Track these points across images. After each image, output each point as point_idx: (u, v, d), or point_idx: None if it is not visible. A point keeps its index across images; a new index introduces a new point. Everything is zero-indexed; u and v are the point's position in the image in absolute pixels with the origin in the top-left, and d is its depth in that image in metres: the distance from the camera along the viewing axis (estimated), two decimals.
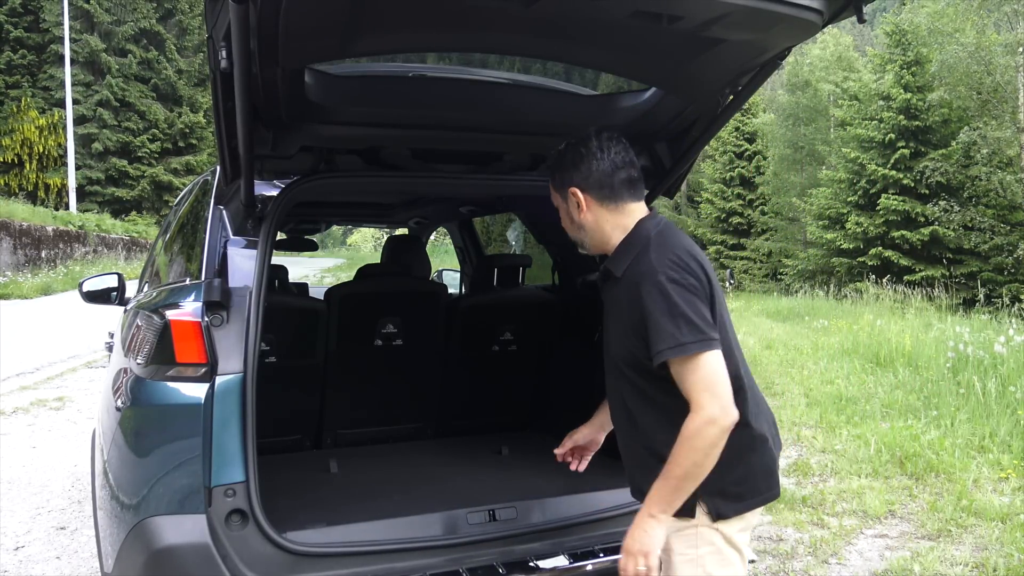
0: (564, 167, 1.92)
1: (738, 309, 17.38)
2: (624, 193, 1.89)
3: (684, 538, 1.80)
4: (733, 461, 1.73)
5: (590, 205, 1.89)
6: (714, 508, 1.77)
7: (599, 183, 1.87)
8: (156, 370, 2.06)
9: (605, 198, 1.88)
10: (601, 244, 1.93)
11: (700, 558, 1.79)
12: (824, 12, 1.78)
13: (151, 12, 31.72)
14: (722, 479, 1.73)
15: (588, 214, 1.90)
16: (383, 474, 2.91)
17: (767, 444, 1.81)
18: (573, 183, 1.89)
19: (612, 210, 1.89)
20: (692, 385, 1.68)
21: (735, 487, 1.78)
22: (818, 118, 27.28)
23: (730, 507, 1.77)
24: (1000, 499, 4.24)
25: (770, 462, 1.83)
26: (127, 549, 2.01)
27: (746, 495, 1.79)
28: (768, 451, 1.82)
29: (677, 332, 1.67)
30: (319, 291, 3.66)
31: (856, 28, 45.97)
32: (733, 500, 1.78)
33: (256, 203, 2.28)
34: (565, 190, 1.92)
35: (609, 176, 1.87)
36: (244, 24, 1.55)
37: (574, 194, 1.89)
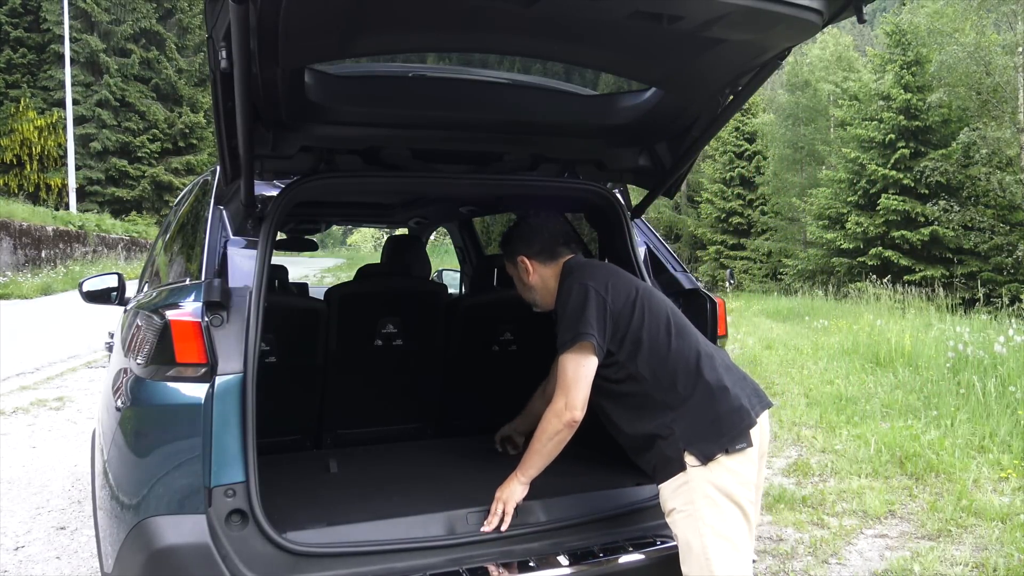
0: (511, 243, 2.39)
1: (738, 309, 17.38)
2: (563, 251, 2.34)
3: (680, 495, 2.02)
4: (699, 411, 2.04)
5: (535, 267, 2.33)
6: (700, 452, 2.00)
7: (541, 250, 2.33)
8: (156, 370, 2.06)
9: (547, 259, 2.33)
10: (547, 298, 2.34)
11: (697, 511, 1.99)
12: (824, 12, 1.78)
13: (151, 12, 31.71)
14: (696, 426, 2.03)
15: (535, 275, 2.34)
16: (383, 474, 2.91)
17: (727, 392, 2.06)
18: (520, 252, 2.35)
19: (552, 266, 2.33)
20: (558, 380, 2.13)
21: (709, 429, 2.02)
22: (818, 118, 27.28)
23: (712, 445, 2.00)
24: (1000, 499, 4.24)
25: (735, 403, 2.05)
26: (127, 549, 2.01)
27: (724, 432, 2.01)
28: (730, 397, 2.05)
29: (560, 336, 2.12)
30: (319, 291, 3.66)
31: (856, 28, 45.97)
32: (713, 438, 2.01)
33: (256, 203, 2.28)
34: (515, 259, 2.37)
35: (550, 243, 2.34)
36: (244, 24, 1.55)
37: (521, 261, 2.35)
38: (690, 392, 2.06)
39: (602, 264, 2.38)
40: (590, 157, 2.74)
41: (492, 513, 2.21)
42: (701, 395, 2.05)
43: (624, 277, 2.26)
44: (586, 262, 2.33)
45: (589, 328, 2.06)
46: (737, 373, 2.17)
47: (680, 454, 2.01)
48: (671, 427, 2.04)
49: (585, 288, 2.12)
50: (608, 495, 2.46)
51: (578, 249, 2.40)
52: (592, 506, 2.41)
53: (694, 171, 28.71)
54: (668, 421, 2.05)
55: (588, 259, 2.37)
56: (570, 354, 2.09)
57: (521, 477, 2.21)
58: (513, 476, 2.22)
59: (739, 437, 2.01)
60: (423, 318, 3.35)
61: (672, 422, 2.04)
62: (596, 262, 2.38)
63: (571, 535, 2.30)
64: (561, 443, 2.14)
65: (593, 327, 2.07)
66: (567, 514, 2.35)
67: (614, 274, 2.26)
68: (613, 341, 2.11)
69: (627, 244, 2.74)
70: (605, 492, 2.47)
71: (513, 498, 2.20)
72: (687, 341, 2.15)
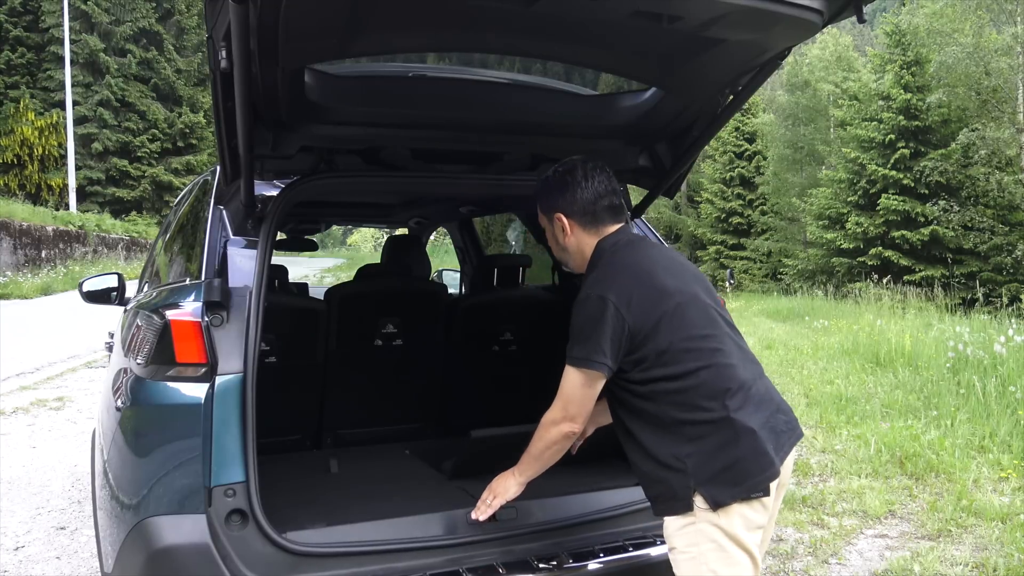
0: (551, 193, 2.08)
1: (738, 309, 17.38)
2: (606, 218, 2.04)
3: (685, 535, 1.84)
4: (718, 451, 1.81)
5: (574, 230, 2.05)
6: (711, 496, 1.80)
7: (583, 210, 2.03)
8: (156, 370, 2.06)
9: (588, 224, 2.04)
10: (582, 264, 2.07)
11: (702, 555, 1.82)
12: (824, 12, 1.78)
13: (150, 12, 31.71)
14: (711, 467, 1.81)
15: (572, 238, 2.06)
16: (383, 474, 2.91)
17: (754, 435, 1.83)
18: (559, 209, 2.05)
19: (593, 234, 2.04)
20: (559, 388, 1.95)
21: (725, 473, 1.81)
22: (818, 118, 27.27)
23: (725, 492, 1.80)
24: (1000, 499, 4.24)
25: (759, 449, 1.83)
26: (127, 549, 2.01)
27: (740, 480, 1.81)
28: (755, 441, 1.83)
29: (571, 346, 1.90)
30: (319, 291, 3.66)
31: (856, 28, 45.96)
32: (729, 485, 1.80)
33: (256, 203, 2.28)
34: (551, 215, 2.08)
35: (592, 204, 2.03)
36: (244, 24, 1.55)
37: (559, 219, 2.06)
38: (712, 428, 1.82)
39: (638, 262, 1.98)
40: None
41: (481, 501, 2.16)
42: (724, 435, 1.82)
43: (661, 284, 1.92)
44: (621, 253, 1.99)
45: (600, 355, 1.85)
46: (771, 404, 1.94)
47: (689, 493, 1.81)
48: (684, 461, 1.82)
49: (603, 304, 1.85)
50: (609, 495, 2.46)
51: (625, 218, 2.09)
52: (593, 505, 2.41)
53: (694, 171, 28.69)
54: (682, 454, 1.82)
55: (627, 245, 2.01)
56: (576, 371, 1.90)
57: (519, 476, 2.13)
58: (511, 473, 2.15)
59: (757, 487, 1.81)
60: (423, 318, 3.35)
61: (687, 456, 1.81)
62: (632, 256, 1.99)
63: (571, 535, 2.30)
64: (558, 453, 2.03)
65: (605, 354, 1.85)
66: (567, 514, 2.35)
67: (648, 279, 1.93)
68: (627, 360, 1.88)
69: None
70: (606, 492, 2.47)
71: (506, 494, 2.14)
72: (720, 368, 1.87)
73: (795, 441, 1.96)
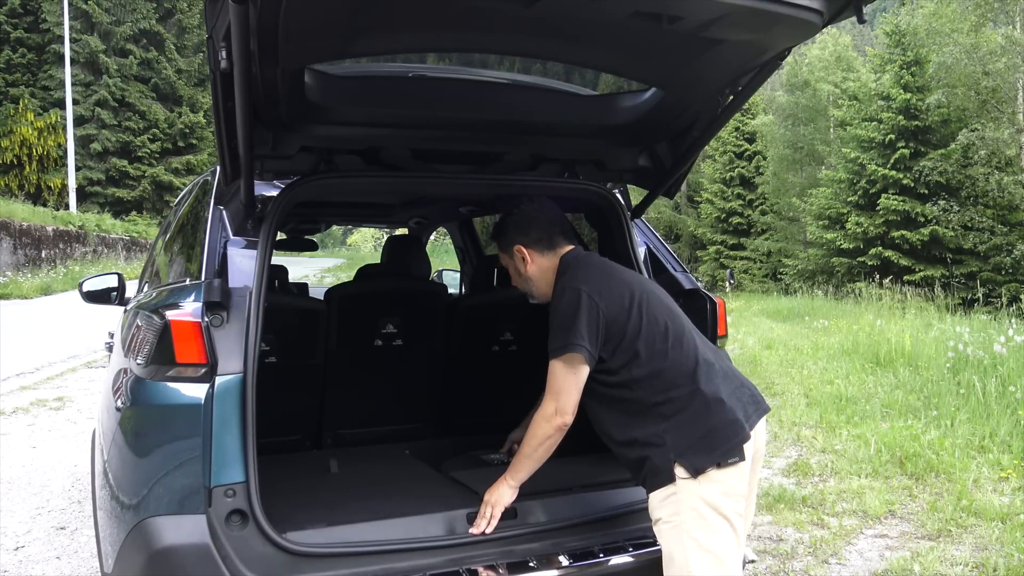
0: (507, 231, 2.31)
1: (738, 309, 17.38)
2: (561, 240, 2.26)
3: (667, 505, 1.99)
4: (692, 422, 2.00)
5: (533, 257, 2.26)
6: (690, 464, 1.96)
7: (538, 237, 2.25)
8: (156, 370, 2.06)
9: (545, 248, 2.25)
10: (547, 290, 2.26)
11: (683, 523, 1.95)
12: (824, 12, 1.78)
13: (151, 12, 31.72)
14: (688, 438, 1.98)
15: (532, 265, 2.26)
16: (383, 474, 2.91)
17: (723, 404, 2.01)
18: (516, 242, 2.27)
19: (551, 256, 2.25)
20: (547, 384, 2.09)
21: (702, 441, 1.97)
22: (817, 118, 27.28)
23: (704, 458, 1.96)
24: (1000, 499, 4.24)
25: (729, 416, 2.01)
26: (127, 549, 2.01)
27: (716, 446, 1.97)
28: (725, 410, 2.01)
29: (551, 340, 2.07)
30: (319, 291, 3.65)
31: (856, 28, 45.97)
32: (705, 452, 1.96)
33: (256, 203, 2.27)
34: (511, 249, 2.29)
35: (546, 230, 2.26)
36: (244, 24, 1.55)
37: (519, 251, 2.26)
38: (685, 403, 2.01)
39: (599, 263, 2.26)
40: (590, 157, 2.74)
41: (480, 516, 2.19)
42: (696, 407, 2.00)
43: (622, 279, 2.18)
44: (584, 259, 2.23)
45: (579, 339, 2.01)
46: (736, 380, 2.12)
47: (670, 465, 1.97)
48: (663, 437, 1.99)
49: (577, 294, 2.05)
50: (609, 495, 2.46)
51: (576, 240, 2.33)
52: (592, 506, 2.41)
53: (694, 171, 28.70)
54: (660, 431, 2.00)
55: (587, 254, 2.27)
56: (559, 362, 2.05)
57: (511, 481, 2.19)
58: (502, 479, 2.20)
59: (732, 451, 1.97)
60: (423, 318, 3.35)
61: (664, 432, 1.99)
62: (594, 259, 2.26)
63: (571, 535, 2.30)
64: (551, 447, 2.12)
65: (584, 337, 2.01)
66: (567, 514, 2.35)
67: (611, 276, 2.18)
68: (605, 348, 2.05)
69: (627, 244, 2.74)
70: (606, 492, 2.47)
71: (502, 502, 2.19)
72: (685, 348, 2.08)
73: (762, 414, 2.12)
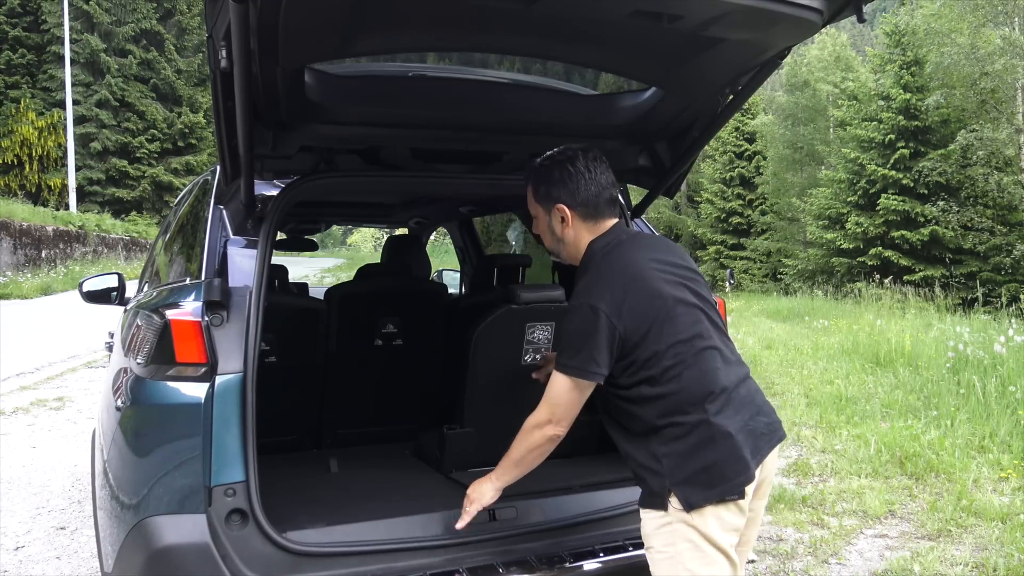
0: (551, 182, 2.01)
1: (738, 309, 17.39)
2: (605, 212, 2.02)
3: (661, 535, 1.86)
4: (694, 453, 1.82)
5: (574, 222, 2.00)
6: (684, 498, 1.80)
7: (585, 202, 1.99)
8: (156, 370, 2.06)
9: (588, 216, 2.00)
10: (576, 256, 2.05)
11: (678, 554, 1.83)
12: (824, 12, 1.78)
13: (151, 12, 31.75)
14: (686, 469, 1.81)
15: (570, 230, 2.02)
16: (383, 474, 2.91)
17: (731, 439, 1.82)
18: (560, 200, 2.00)
19: (591, 228, 2.01)
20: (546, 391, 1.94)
21: (701, 475, 1.81)
22: (817, 118, 27.28)
23: (699, 495, 1.80)
24: (1000, 499, 4.24)
25: (735, 453, 1.83)
26: (127, 549, 2.01)
27: (715, 482, 1.81)
28: (732, 445, 1.83)
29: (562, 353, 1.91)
30: (319, 291, 3.65)
31: (855, 27, 45.98)
32: (702, 488, 1.81)
33: (256, 203, 2.27)
34: (550, 205, 2.02)
35: (595, 197, 2.00)
36: (244, 24, 1.55)
37: (560, 210, 2.00)
38: (689, 431, 1.82)
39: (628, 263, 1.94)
40: None
41: (465, 512, 2.12)
42: (700, 437, 1.82)
43: (648, 291, 1.90)
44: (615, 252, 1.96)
45: (594, 365, 1.85)
46: (752, 407, 1.93)
47: (664, 492, 1.82)
48: (660, 462, 1.83)
49: (595, 313, 1.84)
50: (609, 494, 2.45)
51: (621, 212, 2.09)
52: (593, 505, 2.41)
53: (694, 171, 28.70)
54: (659, 454, 1.84)
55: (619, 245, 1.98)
56: (567, 379, 1.89)
57: (496, 482, 2.09)
58: (488, 478, 2.10)
59: (730, 491, 1.81)
60: (423, 318, 3.35)
61: (663, 457, 1.83)
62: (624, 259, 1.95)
63: (571, 535, 2.30)
64: (541, 456, 2.01)
65: (599, 363, 1.85)
66: (567, 513, 2.35)
67: (638, 283, 1.90)
68: (618, 366, 1.88)
69: None
70: (606, 491, 2.47)
71: (483, 500, 2.10)
72: (704, 372, 1.87)
73: (775, 443, 1.95)
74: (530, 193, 2.09)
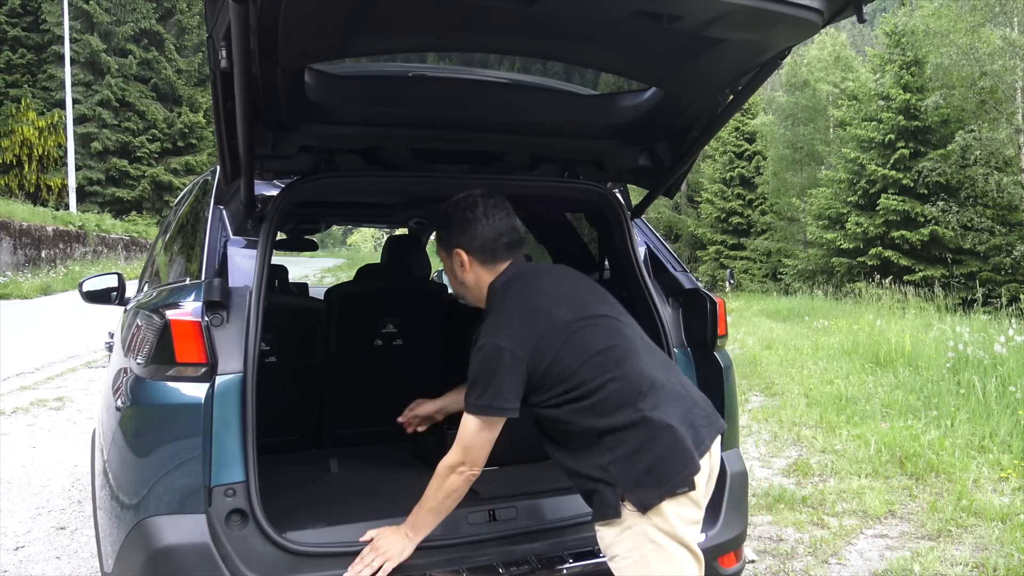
0: (450, 228, 2.11)
1: (738, 309, 17.39)
2: (504, 255, 2.08)
3: (624, 542, 1.86)
4: (638, 454, 1.83)
5: (472, 265, 2.08)
6: (637, 500, 1.82)
7: (482, 247, 2.07)
8: (156, 370, 2.05)
9: (486, 260, 2.07)
10: (480, 298, 2.11)
11: (643, 557, 1.84)
12: (824, 12, 1.78)
13: (151, 12, 31.76)
14: (634, 472, 1.83)
15: (470, 274, 2.09)
16: (383, 474, 2.91)
17: (672, 431, 1.85)
18: (459, 244, 2.09)
19: (491, 271, 2.08)
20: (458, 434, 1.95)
21: (650, 475, 1.82)
22: (817, 118, 27.29)
23: (652, 494, 1.82)
24: (1000, 499, 4.24)
25: (678, 446, 1.85)
26: (127, 549, 2.00)
27: (663, 479, 1.83)
28: (675, 437, 1.85)
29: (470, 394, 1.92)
30: (319, 291, 3.65)
31: (855, 27, 45.98)
32: (653, 486, 1.82)
33: (256, 203, 2.27)
34: (451, 249, 2.11)
35: (492, 242, 2.06)
36: (244, 24, 1.55)
37: (459, 255, 2.09)
38: (630, 432, 1.84)
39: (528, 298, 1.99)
40: (590, 157, 2.74)
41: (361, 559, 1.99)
42: (641, 437, 1.84)
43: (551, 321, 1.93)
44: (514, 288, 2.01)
45: (502, 401, 1.87)
46: (688, 400, 1.96)
47: (617, 501, 1.83)
48: (607, 470, 1.84)
49: (499, 351, 1.87)
50: None
51: (521, 252, 2.13)
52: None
53: (694, 171, 28.71)
54: (605, 463, 1.84)
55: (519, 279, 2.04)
56: (476, 419, 1.91)
57: (411, 534, 2.02)
58: (400, 530, 2.03)
59: (680, 484, 1.83)
60: (423, 318, 3.35)
61: (609, 465, 1.84)
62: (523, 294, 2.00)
63: (571, 535, 2.30)
64: (458, 499, 2.00)
65: (507, 399, 1.87)
66: (567, 514, 2.35)
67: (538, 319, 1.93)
68: (538, 391, 1.91)
69: (627, 244, 2.74)
70: None
71: (398, 557, 2.00)
72: (629, 372, 1.90)
73: (716, 434, 1.97)
74: (436, 242, 2.19)
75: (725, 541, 2.42)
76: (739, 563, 2.51)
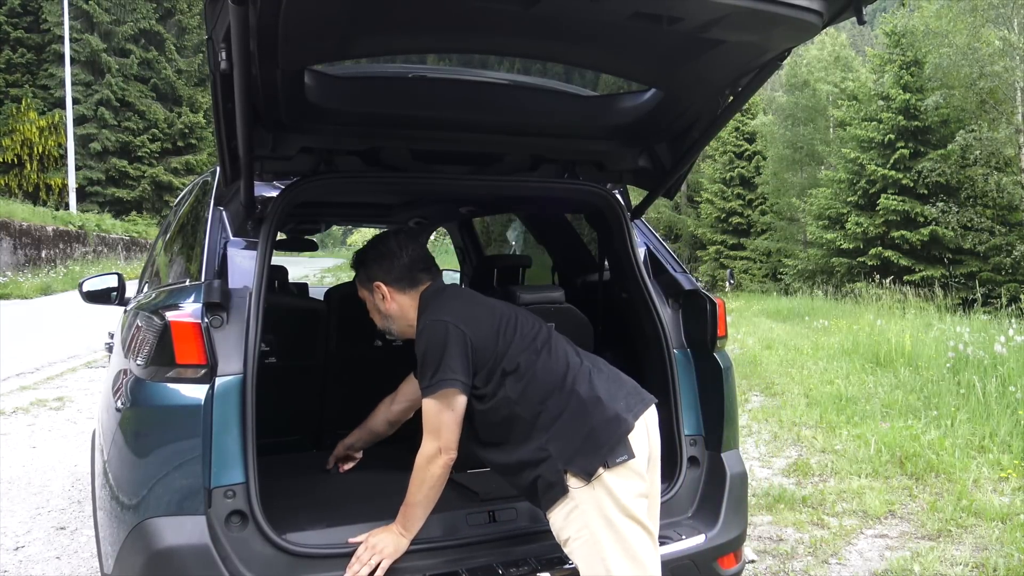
0: (367, 264, 2.25)
1: (738, 309, 17.39)
2: (422, 278, 2.22)
3: (573, 522, 1.91)
4: (573, 426, 1.94)
5: (394, 295, 2.21)
6: (581, 469, 1.89)
7: (400, 277, 2.21)
8: (156, 371, 2.05)
9: (406, 287, 2.21)
10: (406, 328, 2.22)
11: (594, 535, 1.88)
12: (824, 13, 1.78)
13: (151, 12, 31.76)
14: (572, 444, 1.92)
15: (392, 303, 2.22)
16: (383, 474, 2.91)
17: (600, 402, 1.96)
18: (377, 278, 2.22)
19: (412, 295, 2.21)
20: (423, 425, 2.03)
21: (587, 443, 1.91)
22: (817, 118, 27.28)
23: (592, 459, 1.89)
24: (1000, 499, 4.25)
25: (609, 412, 1.95)
26: (127, 550, 2.00)
27: (601, 443, 1.91)
28: (604, 407, 1.95)
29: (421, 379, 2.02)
30: (319, 291, 3.65)
31: (855, 27, 45.98)
32: (592, 452, 1.90)
33: (256, 204, 2.28)
34: (370, 284, 2.24)
35: (408, 269, 2.21)
36: (244, 25, 1.55)
37: (379, 288, 2.22)
38: (561, 409, 1.96)
39: (460, 293, 2.27)
40: (590, 158, 2.74)
41: (357, 559, 2.01)
42: (573, 409, 1.95)
43: (484, 304, 2.15)
44: (444, 291, 2.21)
45: (451, 372, 1.96)
46: (612, 378, 2.07)
47: (561, 476, 1.91)
48: (546, 448, 1.93)
49: (443, 326, 1.99)
50: None
51: (437, 275, 2.27)
52: None
53: (694, 171, 28.69)
54: (543, 443, 1.94)
55: (446, 287, 2.24)
56: (433, 400, 1.99)
57: (403, 532, 2.06)
58: (392, 529, 2.06)
59: (618, 447, 1.90)
60: None
61: (547, 443, 1.94)
62: (453, 290, 2.24)
63: None
64: (441, 487, 2.04)
65: (455, 370, 1.97)
66: None
67: (474, 303, 2.16)
68: (479, 376, 2.01)
69: (627, 245, 2.74)
70: None
71: (393, 554, 2.03)
72: (555, 355, 2.05)
73: (648, 404, 2.05)
74: (357, 282, 2.32)
75: (725, 542, 2.42)
76: (739, 564, 2.51)
